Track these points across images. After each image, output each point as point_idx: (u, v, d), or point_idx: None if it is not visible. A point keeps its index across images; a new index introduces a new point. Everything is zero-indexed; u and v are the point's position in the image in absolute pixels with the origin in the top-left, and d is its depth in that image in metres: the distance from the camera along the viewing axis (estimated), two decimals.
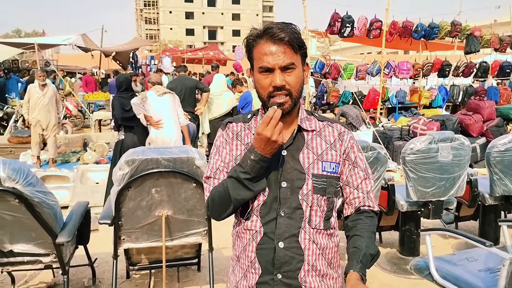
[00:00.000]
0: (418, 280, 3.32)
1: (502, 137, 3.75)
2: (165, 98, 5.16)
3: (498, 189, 3.73)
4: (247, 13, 66.43)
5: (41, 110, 6.76)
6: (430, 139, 3.40)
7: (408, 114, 10.12)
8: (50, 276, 3.49)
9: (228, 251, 3.96)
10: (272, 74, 1.32)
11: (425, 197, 3.49)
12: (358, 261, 1.30)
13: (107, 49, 16.45)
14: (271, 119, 1.24)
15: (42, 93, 6.77)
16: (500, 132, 7.36)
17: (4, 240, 2.64)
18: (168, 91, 5.27)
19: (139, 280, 3.55)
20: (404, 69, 9.68)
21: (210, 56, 21.35)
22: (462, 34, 9.87)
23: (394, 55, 21.23)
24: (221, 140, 1.45)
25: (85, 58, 17.60)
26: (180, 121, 5.27)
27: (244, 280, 1.40)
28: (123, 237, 2.86)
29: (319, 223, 1.37)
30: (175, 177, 2.71)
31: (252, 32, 1.36)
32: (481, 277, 2.32)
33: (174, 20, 64.43)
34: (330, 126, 1.44)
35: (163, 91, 5.20)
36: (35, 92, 6.78)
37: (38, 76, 6.83)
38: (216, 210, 1.40)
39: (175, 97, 5.30)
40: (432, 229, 2.72)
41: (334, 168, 1.39)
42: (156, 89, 5.20)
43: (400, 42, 9.85)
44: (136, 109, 5.04)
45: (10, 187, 2.41)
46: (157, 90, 5.19)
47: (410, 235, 3.75)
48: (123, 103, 5.20)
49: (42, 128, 6.80)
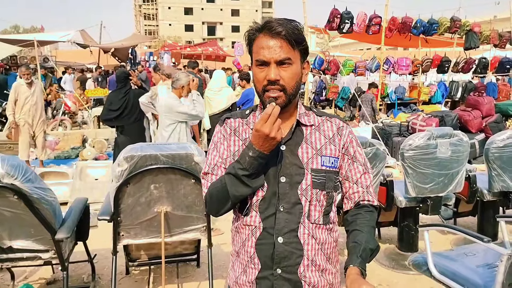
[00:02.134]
0: (417, 276, 3.33)
1: (501, 133, 3.76)
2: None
3: (496, 185, 3.74)
4: (247, 9, 66.22)
5: (30, 110, 6.47)
6: (429, 135, 3.40)
7: (407, 110, 10.13)
8: (50, 272, 3.50)
9: (227, 247, 3.98)
10: (268, 68, 1.32)
11: (424, 193, 3.49)
12: (358, 256, 1.30)
13: (106, 45, 16.42)
14: (269, 116, 1.24)
15: (30, 91, 6.45)
16: (499, 128, 7.36)
17: (3, 237, 2.64)
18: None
19: (138, 276, 3.55)
20: (403, 65, 9.68)
21: (209, 52, 21.29)
22: (461, 30, 9.86)
23: (393, 51, 21.19)
24: (219, 136, 1.45)
25: (84, 54, 17.57)
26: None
27: (243, 275, 1.41)
28: (122, 233, 2.86)
29: (318, 218, 1.37)
30: (174, 173, 2.71)
31: (252, 26, 1.36)
32: (479, 273, 2.32)
33: (173, 16, 64.23)
34: (328, 121, 1.44)
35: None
36: (23, 91, 6.42)
37: (23, 74, 6.38)
38: (214, 206, 1.40)
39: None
40: (430, 225, 2.73)
41: (333, 163, 1.39)
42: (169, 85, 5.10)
43: (399, 38, 9.84)
44: (144, 108, 5.00)
45: (9, 183, 2.41)
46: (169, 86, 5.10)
47: (408, 231, 3.76)
48: (112, 101, 5.16)
49: (30, 128, 6.54)
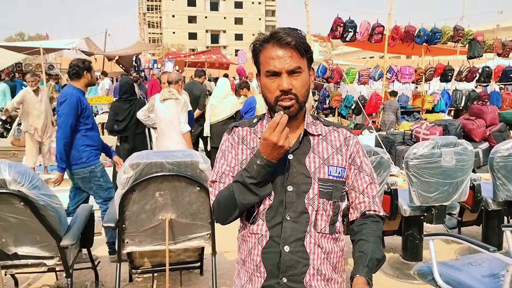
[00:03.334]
0: (421, 285, 3.31)
1: (505, 142, 3.75)
2: (167, 104, 5.04)
3: (501, 194, 3.73)
4: (250, 17, 66.61)
5: (39, 117, 6.47)
6: (433, 144, 3.40)
7: (410, 118, 10.13)
8: (53, 279, 3.50)
9: (231, 255, 3.97)
10: (279, 78, 1.33)
11: (428, 202, 3.49)
12: (364, 266, 1.30)
13: (110, 53, 16.51)
14: (277, 125, 1.25)
15: (38, 98, 6.47)
16: (503, 137, 7.34)
17: (8, 243, 2.65)
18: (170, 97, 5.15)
19: (141, 283, 3.55)
20: (407, 73, 9.71)
21: (213, 60, 21.39)
22: (464, 39, 9.88)
23: (396, 60, 21.24)
24: (227, 144, 1.46)
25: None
26: (181, 128, 4.93)
27: (249, 284, 1.41)
28: (127, 240, 2.86)
29: (324, 227, 1.37)
30: (179, 180, 2.71)
31: (259, 37, 1.37)
32: (484, 283, 2.31)
33: (177, 24, 64.65)
34: (336, 131, 1.45)
35: (164, 97, 5.09)
36: (31, 98, 6.42)
37: (29, 81, 6.37)
38: (221, 214, 1.40)
39: (178, 102, 5.16)
40: (435, 234, 2.72)
41: (340, 173, 1.39)
42: (162, 94, 5.12)
43: (402, 47, 9.87)
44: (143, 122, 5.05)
45: (16, 190, 2.43)
46: (161, 94, 5.12)
47: (413, 240, 3.75)
48: (118, 112, 5.19)
49: (39, 136, 6.53)
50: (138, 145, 5.24)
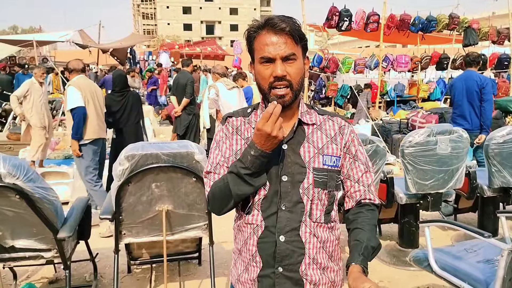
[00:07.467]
0: (418, 272, 3.35)
1: (501, 129, 3.77)
2: (233, 92, 4.96)
3: (496, 181, 3.75)
4: (245, 7, 66.12)
5: (42, 108, 6.43)
6: (428, 131, 3.41)
7: (406, 107, 10.15)
8: (52, 272, 3.51)
9: (228, 245, 3.99)
10: (273, 65, 1.31)
11: (424, 190, 3.51)
12: (359, 254, 1.31)
13: (105, 45, 16.39)
14: (271, 115, 1.24)
15: (42, 90, 6.49)
16: (499, 124, 7.35)
17: (5, 236, 2.65)
18: (236, 85, 5.09)
19: (140, 274, 3.57)
20: (402, 62, 9.69)
21: (208, 51, 21.28)
22: (460, 27, 9.86)
23: (392, 49, 21.19)
24: (221, 135, 1.45)
25: (83, 54, 17.53)
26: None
27: (246, 273, 1.42)
28: (124, 232, 2.87)
29: (319, 216, 1.38)
30: (175, 172, 2.71)
31: (253, 24, 1.35)
32: (480, 268, 2.34)
33: (171, 15, 64.13)
34: (330, 120, 1.44)
35: (232, 85, 5.03)
36: (36, 90, 6.40)
37: (39, 74, 6.40)
38: (216, 205, 1.40)
39: (240, 92, 5.12)
40: (431, 221, 2.74)
41: (334, 162, 1.39)
42: (226, 82, 5.06)
43: (398, 36, 9.84)
44: (212, 104, 4.98)
45: (11, 183, 2.42)
46: (226, 83, 5.05)
47: (409, 227, 3.78)
48: (111, 105, 5.14)
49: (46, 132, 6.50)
50: (132, 137, 5.20)
